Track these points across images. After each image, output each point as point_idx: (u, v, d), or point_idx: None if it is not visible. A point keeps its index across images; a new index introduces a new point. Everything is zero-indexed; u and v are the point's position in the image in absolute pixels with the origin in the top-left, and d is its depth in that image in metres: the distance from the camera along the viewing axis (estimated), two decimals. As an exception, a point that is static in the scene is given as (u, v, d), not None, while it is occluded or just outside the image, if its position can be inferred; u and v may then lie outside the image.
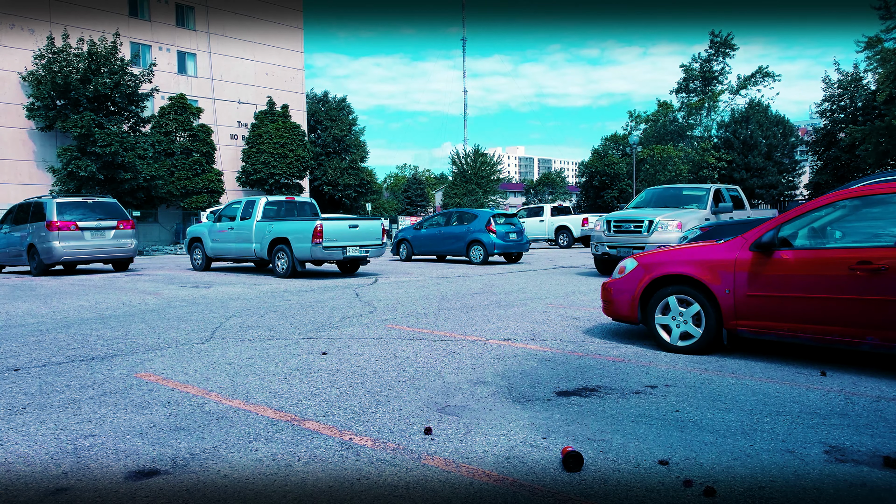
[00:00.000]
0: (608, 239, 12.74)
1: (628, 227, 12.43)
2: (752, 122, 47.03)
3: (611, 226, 12.75)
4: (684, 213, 12.26)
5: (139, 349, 5.91)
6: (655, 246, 10.64)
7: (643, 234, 11.93)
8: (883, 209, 4.90)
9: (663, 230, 11.82)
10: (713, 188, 13.28)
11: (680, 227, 11.73)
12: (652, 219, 12.07)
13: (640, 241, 11.91)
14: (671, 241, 11.25)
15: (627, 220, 12.48)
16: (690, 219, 12.09)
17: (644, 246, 11.66)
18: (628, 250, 11.99)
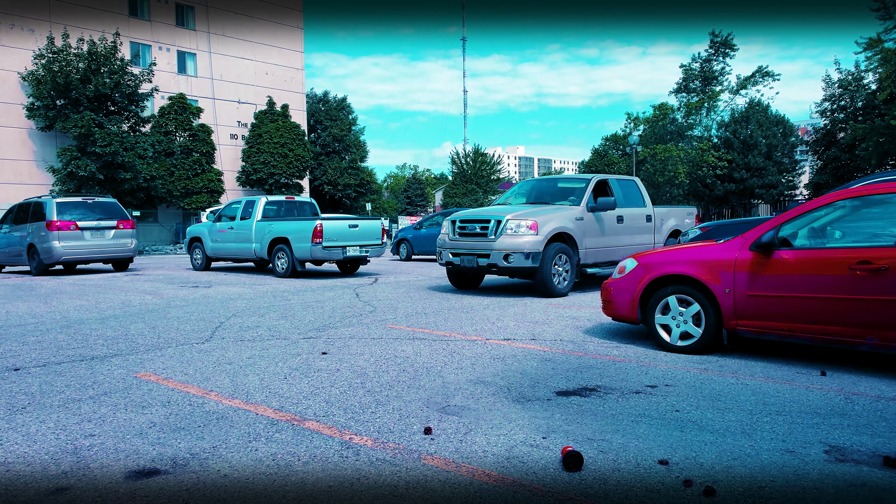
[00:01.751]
0: (451, 244, 10.08)
1: (473, 230, 9.84)
2: (752, 121, 47.02)
3: (455, 227, 10.13)
4: (548, 212, 9.76)
5: (139, 349, 5.91)
6: (503, 254, 9.32)
7: (488, 239, 9.50)
8: (883, 209, 4.90)
9: (513, 233, 9.36)
10: (595, 180, 10.66)
11: (535, 228, 9.28)
12: (500, 218, 9.51)
13: (485, 246, 9.52)
14: (523, 247, 9.20)
15: (473, 220, 9.94)
16: (553, 218, 9.62)
17: (489, 253, 9.45)
18: (472, 259, 9.68)
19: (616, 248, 10.65)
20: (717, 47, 51.88)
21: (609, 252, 10.54)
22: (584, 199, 10.25)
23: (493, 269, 9.52)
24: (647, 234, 11.40)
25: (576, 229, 9.85)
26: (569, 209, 10.04)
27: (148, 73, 31.37)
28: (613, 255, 10.59)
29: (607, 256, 10.55)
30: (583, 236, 9.96)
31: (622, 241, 10.80)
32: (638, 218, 11.21)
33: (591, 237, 10.15)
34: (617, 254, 10.62)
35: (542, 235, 9.31)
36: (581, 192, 10.48)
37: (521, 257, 9.23)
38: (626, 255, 10.04)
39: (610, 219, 10.53)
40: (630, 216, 10.99)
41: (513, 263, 9.30)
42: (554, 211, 9.87)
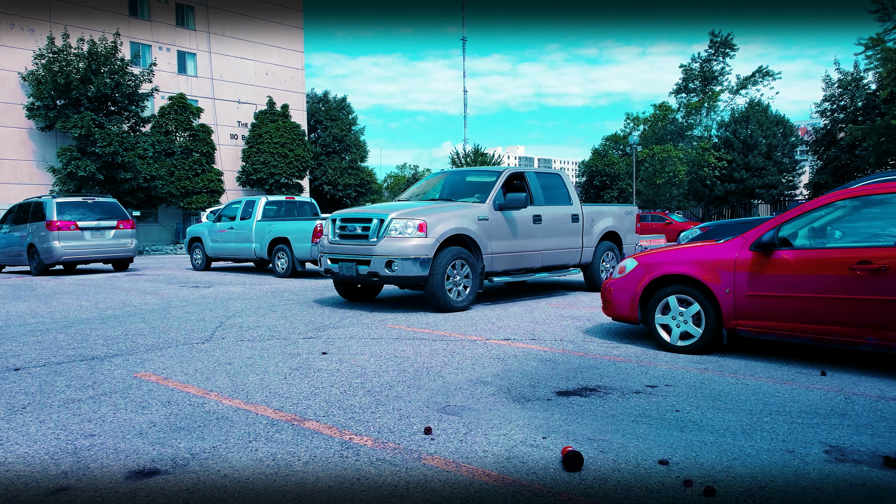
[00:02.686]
0: (331, 248, 8.53)
1: (354, 230, 8.28)
2: (752, 121, 47.04)
3: (336, 227, 8.58)
4: (444, 210, 8.32)
5: (139, 349, 5.91)
6: (385, 260, 7.78)
7: (369, 242, 7.97)
8: (882, 209, 4.90)
9: (398, 235, 7.85)
10: (507, 173, 9.18)
11: (423, 229, 7.78)
12: (384, 216, 7.99)
13: (366, 251, 7.96)
14: (409, 252, 7.71)
15: (355, 218, 8.38)
16: (449, 217, 8.11)
17: (370, 259, 7.90)
18: (352, 266, 8.12)
19: (532, 252, 9.19)
20: (717, 47, 51.90)
21: (523, 258, 9.08)
22: (492, 195, 8.72)
23: (375, 279, 7.95)
24: (572, 237, 9.84)
25: (479, 231, 8.34)
26: (472, 207, 8.53)
27: (148, 73, 31.36)
28: (529, 260, 9.20)
29: (521, 263, 9.07)
30: (488, 239, 8.46)
31: (540, 244, 9.30)
32: (561, 218, 9.66)
33: (500, 240, 8.65)
34: (533, 259, 9.27)
35: (432, 238, 7.82)
36: (489, 188, 8.89)
37: (407, 264, 7.75)
38: (549, 261, 9.40)
39: (524, 219, 9.00)
40: (551, 216, 9.48)
41: (397, 272, 7.77)
42: (453, 209, 8.39)
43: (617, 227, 10.75)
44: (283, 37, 42.02)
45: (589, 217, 10.21)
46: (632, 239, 11.15)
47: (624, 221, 10.99)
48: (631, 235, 11.13)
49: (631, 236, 11.12)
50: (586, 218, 10.15)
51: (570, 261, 9.89)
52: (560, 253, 9.67)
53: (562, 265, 9.79)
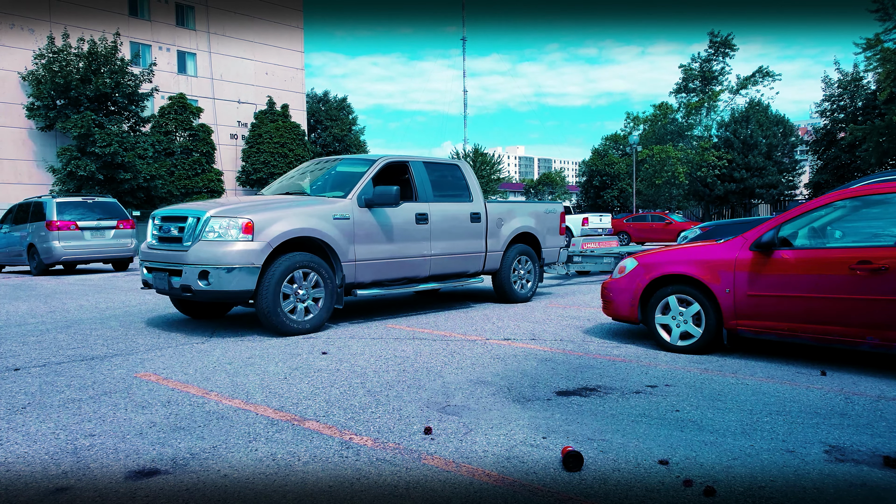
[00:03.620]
0: (146, 252, 7.00)
1: (169, 232, 6.69)
2: (752, 121, 47.05)
3: (154, 227, 7.02)
4: (287, 206, 6.75)
5: (139, 349, 5.91)
6: (198, 270, 6.14)
7: (183, 246, 6.38)
8: (883, 209, 4.90)
9: (215, 238, 6.25)
10: (383, 162, 7.63)
11: (249, 230, 6.20)
12: (200, 214, 6.41)
13: (177, 258, 6.39)
14: (228, 260, 6.09)
15: (172, 216, 6.78)
16: (290, 215, 6.53)
17: (181, 270, 6.30)
18: (164, 277, 6.56)
19: (415, 258, 7.63)
20: (717, 47, 51.91)
21: (402, 265, 7.51)
22: (357, 189, 7.13)
23: (188, 294, 6.31)
24: (472, 239, 8.36)
25: (335, 233, 6.75)
26: (328, 203, 6.94)
27: (148, 73, 31.37)
28: (411, 268, 7.63)
29: (399, 271, 7.51)
30: (350, 243, 6.87)
31: (427, 248, 7.75)
32: (456, 217, 8.17)
33: (368, 244, 7.08)
34: (418, 267, 7.69)
35: (261, 241, 6.20)
36: (355, 180, 7.29)
37: (227, 275, 6.09)
38: (440, 269, 7.86)
39: (404, 218, 7.47)
40: (442, 214, 7.96)
41: (213, 286, 6.09)
42: (301, 205, 6.82)
43: (534, 228, 9.28)
44: (282, 37, 42.01)
45: (495, 216, 8.74)
46: (554, 241, 9.73)
47: (544, 221, 9.53)
48: (553, 237, 9.70)
49: (553, 238, 9.70)
50: (492, 217, 8.67)
51: (471, 267, 8.43)
52: (456, 259, 8.15)
53: (459, 273, 8.33)
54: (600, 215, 27.26)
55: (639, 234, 28.90)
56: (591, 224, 26.27)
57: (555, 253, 9.82)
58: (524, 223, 9.19)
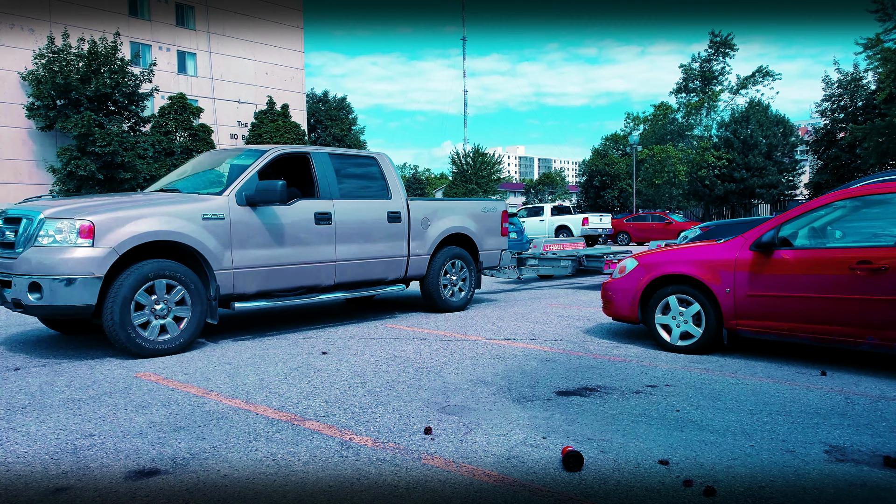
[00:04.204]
0: None
1: (3, 235, 5.67)
2: (752, 121, 47.06)
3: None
4: (150, 205, 5.75)
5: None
6: (28, 282, 5.19)
7: (14, 251, 5.43)
8: (882, 209, 4.90)
9: (49, 243, 5.28)
10: (274, 153, 6.65)
11: (89, 233, 5.26)
12: (34, 215, 5.45)
13: (6, 265, 5.44)
14: (61, 268, 5.17)
15: (10, 217, 5.77)
16: (148, 215, 5.58)
17: (10, 281, 5.35)
18: None
19: (314, 265, 6.64)
20: (717, 47, 51.92)
21: (297, 273, 6.52)
22: (236, 185, 6.17)
23: (20, 309, 5.47)
24: (390, 241, 7.41)
25: (205, 236, 5.80)
26: (199, 201, 5.97)
27: (148, 73, 31.37)
28: (309, 276, 6.64)
29: (294, 279, 6.53)
30: (226, 248, 5.95)
31: (331, 252, 6.77)
32: (370, 216, 7.21)
33: (250, 249, 6.14)
34: (319, 274, 6.71)
35: (104, 247, 5.30)
36: (237, 174, 6.36)
37: (63, 288, 5.18)
38: (349, 276, 6.93)
39: (299, 218, 6.52)
40: (351, 214, 7.00)
41: (45, 300, 5.20)
42: (162, 204, 5.81)
43: (468, 229, 8.35)
44: (282, 37, 42.02)
45: (419, 215, 7.79)
46: (494, 243, 8.80)
47: (482, 221, 8.60)
48: (493, 238, 8.76)
49: (493, 240, 8.76)
50: (415, 216, 7.73)
51: (390, 273, 7.49)
52: (369, 264, 7.20)
53: (374, 280, 7.38)
54: (600, 215, 27.26)
55: (639, 234, 28.89)
56: (592, 224, 26.25)
57: (495, 256, 8.88)
58: (457, 223, 8.25)
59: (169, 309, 5.63)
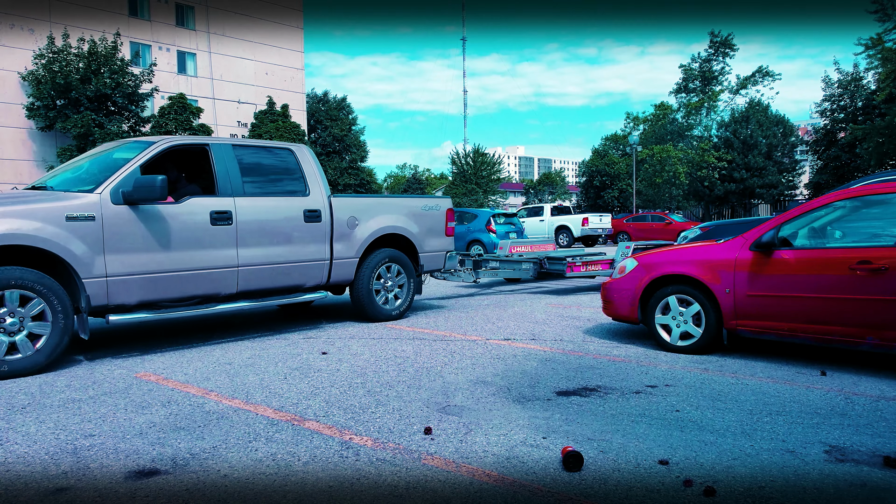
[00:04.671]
0: None
1: None
2: (752, 121, 47.07)
3: None
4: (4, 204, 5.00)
5: (139, 349, 5.91)
6: None
7: None
8: (882, 209, 4.90)
9: None
10: (163, 145, 5.94)
11: None
12: None
13: None
14: None
15: None
16: None
17: None
18: None
19: (212, 270, 5.90)
20: (717, 47, 51.93)
21: (189, 280, 5.78)
22: (112, 181, 5.49)
23: None
24: (307, 244, 6.62)
25: (71, 239, 5.12)
26: (65, 200, 5.26)
27: (148, 73, 31.39)
28: (205, 283, 5.89)
29: (185, 288, 5.78)
30: (98, 252, 5.26)
31: (234, 256, 6.05)
32: (282, 215, 6.46)
33: (129, 253, 5.43)
34: (218, 281, 5.96)
35: None
36: (115, 169, 5.66)
37: None
38: (257, 282, 6.20)
39: (191, 218, 5.82)
40: (258, 212, 6.27)
41: None
42: (17, 203, 5.09)
43: (406, 229, 7.57)
44: (282, 37, 42.02)
45: (346, 214, 6.99)
46: (438, 244, 8.02)
47: (422, 220, 7.82)
48: (436, 240, 7.98)
49: (436, 240, 7.98)
50: (339, 215, 6.93)
51: (308, 279, 6.71)
52: (281, 269, 6.42)
53: (289, 287, 6.60)
54: (600, 215, 27.26)
55: (639, 234, 28.89)
56: (591, 224, 26.25)
57: (439, 258, 8.07)
58: (391, 223, 7.43)
59: (22, 325, 4.90)
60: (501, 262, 10.24)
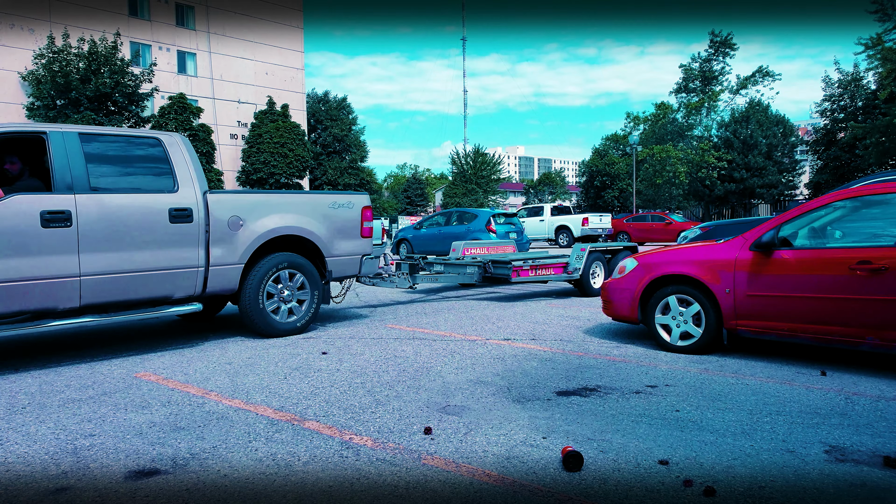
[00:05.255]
0: None
1: None
2: (752, 121, 47.06)
3: None
4: None
5: (139, 349, 5.91)
6: None
7: None
8: (882, 209, 4.90)
9: None
10: None
11: None
12: None
13: None
14: None
15: None
16: None
17: None
18: None
19: (44, 281, 5.02)
20: (717, 47, 51.92)
21: (9, 293, 4.89)
22: None
23: None
24: (174, 248, 5.71)
25: None
26: None
27: (148, 73, 31.39)
28: (34, 297, 5.01)
29: (11, 301, 4.93)
30: None
31: (75, 264, 5.17)
32: (139, 215, 5.54)
33: None
34: (51, 294, 5.07)
35: None
36: None
37: None
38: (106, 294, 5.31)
39: (10, 220, 4.93)
40: (108, 213, 5.37)
41: None
42: None
43: (308, 230, 6.59)
44: (282, 37, 42.04)
45: (225, 213, 6.06)
46: (351, 247, 6.99)
47: (330, 220, 6.81)
48: (348, 242, 6.97)
49: (348, 243, 6.96)
50: (219, 215, 6.02)
51: (176, 290, 5.79)
52: (139, 278, 5.52)
53: (150, 299, 5.71)
54: (600, 215, 27.26)
55: (639, 234, 28.88)
56: (591, 224, 26.24)
57: (352, 263, 7.04)
58: (287, 223, 6.44)
59: None
60: (446, 265, 9.62)
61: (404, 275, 8.91)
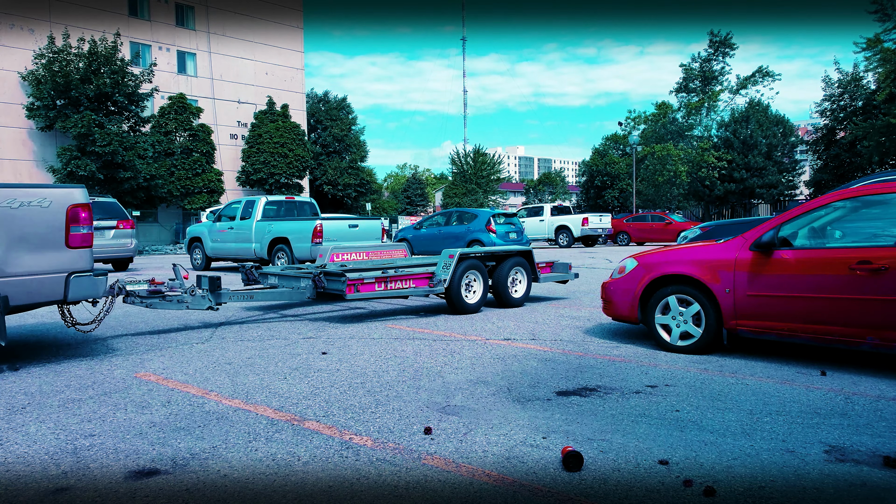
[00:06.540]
0: None
1: None
2: (752, 121, 47.07)
3: None
4: None
5: (139, 349, 5.91)
6: None
7: None
8: (882, 209, 4.90)
9: None
10: None
11: None
12: None
13: None
14: None
15: None
16: None
17: None
18: None
19: None
20: (717, 47, 51.92)
21: None
22: None
23: None
24: None
25: None
26: None
27: (148, 73, 31.40)
28: None
29: None
30: None
31: None
32: None
33: None
34: None
35: None
36: None
37: None
38: None
39: None
40: None
41: None
42: None
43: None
44: (282, 37, 42.03)
45: None
46: (47, 262, 5.04)
47: (9, 225, 4.86)
48: (40, 256, 5.01)
49: (40, 257, 5.01)
50: None
51: None
52: None
53: None
54: (600, 215, 27.26)
55: (639, 234, 28.88)
56: (591, 224, 26.25)
57: (50, 284, 5.07)
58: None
59: None
60: (280, 277, 7.98)
61: (204, 292, 6.55)
